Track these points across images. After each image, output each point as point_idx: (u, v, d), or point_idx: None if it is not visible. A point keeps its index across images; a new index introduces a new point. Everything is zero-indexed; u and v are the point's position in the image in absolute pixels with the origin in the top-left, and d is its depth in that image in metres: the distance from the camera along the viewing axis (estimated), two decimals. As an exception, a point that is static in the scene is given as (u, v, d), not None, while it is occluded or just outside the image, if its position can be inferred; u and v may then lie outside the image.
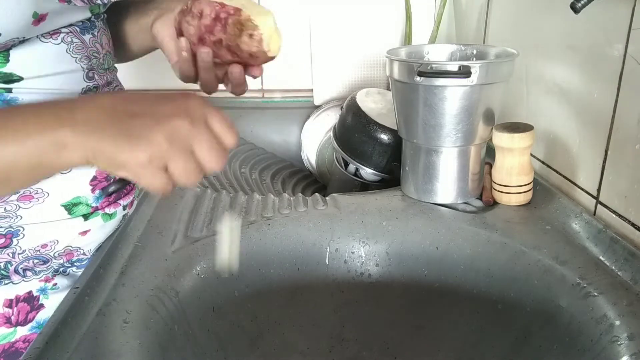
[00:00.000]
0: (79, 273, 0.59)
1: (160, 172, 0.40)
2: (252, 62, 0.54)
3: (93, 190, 0.57)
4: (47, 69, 0.50)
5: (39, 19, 0.46)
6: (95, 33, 0.55)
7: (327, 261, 0.66)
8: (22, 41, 0.48)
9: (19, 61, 0.48)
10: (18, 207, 0.52)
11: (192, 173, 0.41)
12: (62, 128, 0.39)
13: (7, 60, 0.47)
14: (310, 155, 1.13)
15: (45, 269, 0.57)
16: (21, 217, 0.53)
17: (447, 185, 0.69)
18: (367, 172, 0.89)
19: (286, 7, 1.17)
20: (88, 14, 0.54)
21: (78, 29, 0.53)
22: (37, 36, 0.49)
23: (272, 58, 0.54)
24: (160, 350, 0.47)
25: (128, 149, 0.38)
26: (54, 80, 0.51)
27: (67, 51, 0.52)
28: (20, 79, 0.48)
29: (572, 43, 0.67)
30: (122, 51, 0.66)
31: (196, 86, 0.58)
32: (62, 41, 0.51)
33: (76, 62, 0.52)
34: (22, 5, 0.45)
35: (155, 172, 0.39)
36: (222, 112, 0.43)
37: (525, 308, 0.57)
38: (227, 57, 0.53)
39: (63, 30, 0.51)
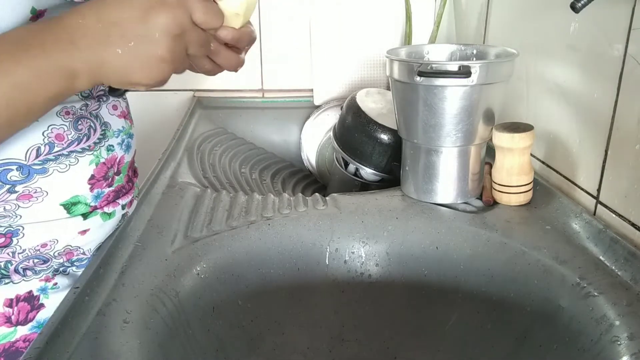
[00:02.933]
0: (79, 273, 0.59)
1: (168, 76, 0.45)
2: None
3: (91, 189, 0.57)
4: None
5: (37, 14, 0.46)
6: None
7: (327, 261, 0.66)
8: None
9: None
10: (17, 207, 0.52)
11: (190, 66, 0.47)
12: (72, 60, 0.42)
13: None
14: (310, 155, 1.13)
15: (45, 268, 0.57)
16: (21, 217, 0.53)
17: (447, 185, 0.69)
18: (367, 172, 0.89)
19: (286, 7, 1.17)
20: None
21: None
22: None
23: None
24: (160, 350, 0.47)
25: (144, 73, 0.43)
26: None
27: None
28: None
29: (572, 43, 0.67)
30: None
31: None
32: None
33: None
34: (20, 0, 0.45)
35: (166, 79, 0.45)
36: None
37: (525, 308, 0.57)
38: None
39: None
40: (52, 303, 0.57)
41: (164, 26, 0.43)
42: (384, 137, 0.86)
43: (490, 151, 0.72)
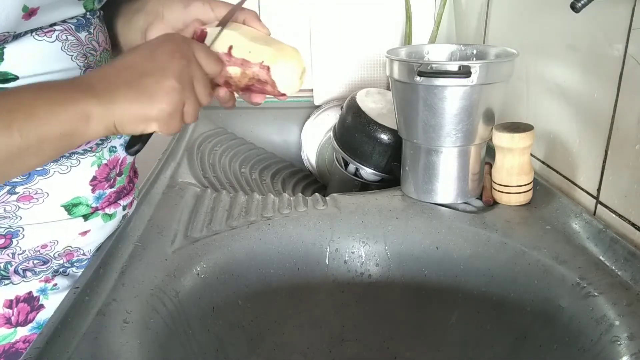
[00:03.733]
0: (79, 273, 0.59)
1: (180, 116, 0.47)
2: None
3: (93, 191, 0.56)
4: (42, 67, 0.50)
5: (29, 12, 0.46)
6: (91, 30, 0.55)
7: (327, 261, 0.66)
8: (16, 38, 0.48)
9: (13, 60, 0.48)
10: (18, 208, 0.52)
11: (197, 110, 0.49)
12: (86, 99, 0.43)
13: (2, 59, 0.47)
14: (310, 155, 1.13)
15: (45, 269, 0.57)
16: (21, 218, 0.53)
17: (447, 185, 0.69)
18: (367, 172, 0.89)
19: (286, 7, 1.17)
20: (81, 10, 0.53)
21: (73, 27, 0.53)
22: (30, 34, 0.49)
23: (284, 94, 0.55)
24: (160, 350, 0.47)
25: (154, 104, 0.45)
26: (51, 79, 0.51)
27: (62, 49, 0.51)
28: (15, 78, 0.48)
29: (572, 43, 0.67)
30: (115, 51, 0.66)
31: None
32: (56, 39, 0.51)
33: (72, 59, 0.52)
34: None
35: (178, 117, 0.47)
36: (201, 44, 0.51)
37: (525, 308, 0.57)
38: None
39: (57, 27, 0.51)
40: (51, 304, 0.57)
41: (171, 56, 0.46)
42: (384, 137, 0.86)
43: (490, 151, 0.72)
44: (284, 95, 0.54)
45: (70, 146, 0.45)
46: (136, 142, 0.49)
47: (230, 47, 0.52)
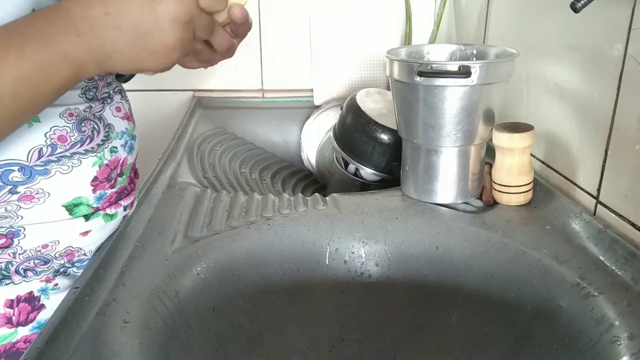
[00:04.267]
0: (80, 273, 0.59)
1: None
2: None
3: (94, 191, 0.57)
4: None
5: None
6: None
7: (327, 261, 0.66)
8: None
9: None
10: (19, 208, 0.52)
11: (207, 52, 0.49)
12: (82, 59, 0.42)
13: None
14: (310, 155, 1.13)
15: (46, 269, 0.57)
16: (22, 218, 0.53)
17: (447, 185, 0.69)
18: (367, 172, 0.89)
19: (286, 7, 1.17)
20: None
21: None
22: None
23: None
24: (160, 350, 0.47)
25: (153, 62, 0.44)
26: None
27: None
28: None
29: (572, 43, 0.67)
30: None
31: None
32: None
33: None
34: (20, 0, 0.45)
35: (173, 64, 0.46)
36: None
37: (525, 308, 0.57)
38: None
39: None
40: (52, 304, 0.57)
41: (174, 15, 0.43)
42: (384, 137, 0.86)
43: (490, 151, 0.72)
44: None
45: (61, 94, 0.44)
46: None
47: None
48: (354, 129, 0.89)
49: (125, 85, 0.68)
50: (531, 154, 0.68)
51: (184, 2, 0.44)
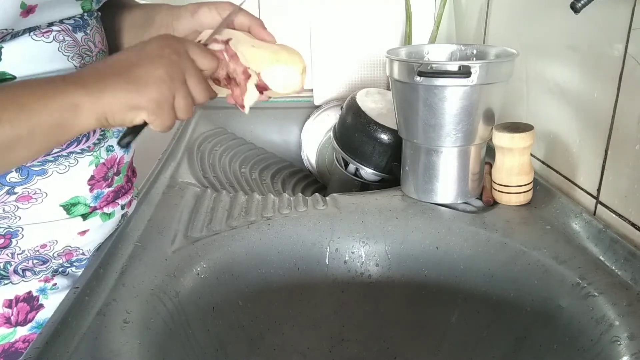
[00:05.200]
0: (79, 273, 0.59)
1: (170, 108, 0.47)
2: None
3: (91, 190, 0.56)
4: (39, 67, 0.50)
5: (27, 10, 0.46)
6: (88, 31, 0.55)
7: (327, 261, 0.66)
8: (14, 38, 0.48)
9: (10, 60, 0.48)
10: (17, 208, 0.52)
11: (189, 105, 0.48)
12: (75, 90, 0.44)
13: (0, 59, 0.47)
14: (310, 155, 1.13)
15: (44, 269, 0.57)
16: (20, 218, 0.53)
17: (447, 185, 0.69)
18: (367, 172, 0.89)
19: (286, 7, 1.17)
20: (79, 10, 0.54)
21: (70, 27, 0.53)
22: (28, 34, 0.49)
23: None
24: (160, 350, 0.47)
25: (142, 92, 0.45)
26: None
27: (58, 49, 0.51)
28: (12, 77, 0.48)
29: (572, 43, 0.67)
30: None
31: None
32: (53, 39, 0.51)
33: (68, 60, 0.52)
34: None
35: (167, 108, 0.46)
36: (194, 42, 0.51)
37: (525, 308, 0.57)
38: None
39: (55, 28, 0.51)
40: (51, 303, 0.57)
41: (161, 50, 0.47)
42: (384, 137, 0.86)
43: (490, 151, 0.72)
44: (242, 106, 0.57)
45: (61, 138, 0.45)
46: (127, 134, 0.49)
47: (228, 40, 0.52)
48: (354, 129, 0.89)
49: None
50: (531, 154, 0.68)
51: (173, 42, 0.48)
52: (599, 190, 0.63)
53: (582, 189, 0.66)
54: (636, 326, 0.46)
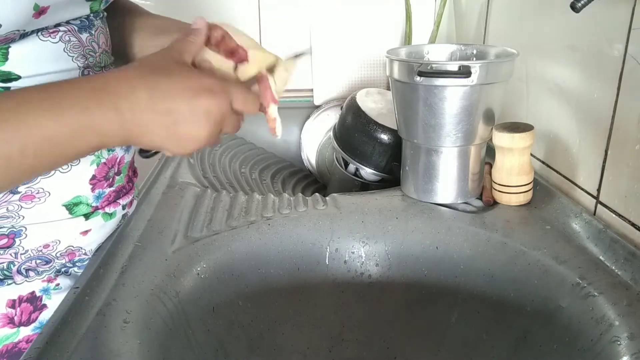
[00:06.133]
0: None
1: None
2: None
3: (93, 190, 0.57)
4: (44, 67, 0.50)
5: (39, 11, 0.46)
6: (93, 32, 0.55)
7: (327, 261, 0.66)
8: (22, 37, 0.48)
9: (17, 60, 0.48)
10: (20, 207, 0.52)
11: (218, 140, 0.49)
12: (114, 134, 0.43)
13: (6, 59, 0.47)
14: (310, 155, 1.13)
15: (47, 269, 0.57)
16: (23, 217, 0.53)
17: (447, 185, 0.69)
18: (367, 172, 0.89)
19: (286, 7, 1.17)
20: (88, 10, 0.54)
21: (76, 28, 0.53)
22: (36, 34, 0.49)
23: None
24: (160, 350, 0.47)
25: (180, 150, 0.46)
26: (51, 79, 0.51)
27: (64, 50, 0.52)
28: (18, 77, 0.48)
29: (572, 43, 0.67)
30: (122, 60, 0.66)
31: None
32: (60, 40, 0.51)
33: (72, 61, 0.52)
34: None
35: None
36: (243, 87, 0.50)
37: (525, 308, 0.57)
38: None
39: (61, 29, 0.51)
40: (54, 304, 0.57)
41: (209, 113, 0.46)
42: (384, 137, 0.86)
43: (490, 151, 0.72)
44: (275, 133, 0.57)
45: (77, 156, 0.44)
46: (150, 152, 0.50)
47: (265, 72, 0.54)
48: (354, 129, 0.89)
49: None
50: (531, 154, 0.68)
51: (222, 101, 0.46)
52: (599, 190, 0.63)
53: (582, 189, 0.66)
54: (636, 326, 0.46)
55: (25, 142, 0.39)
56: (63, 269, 0.58)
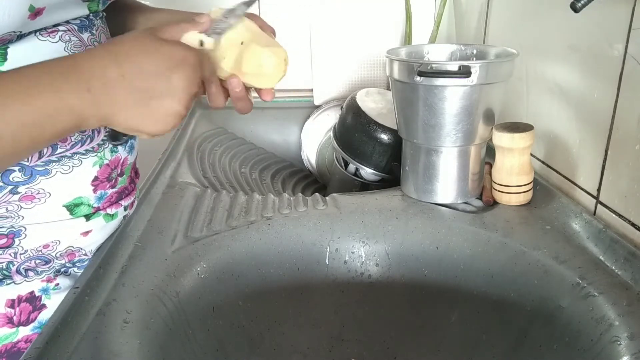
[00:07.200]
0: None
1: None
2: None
3: (95, 191, 0.57)
4: None
5: (35, 12, 0.46)
6: (94, 32, 0.55)
7: (327, 261, 0.66)
8: (20, 38, 0.48)
9: (17, 60, 0.48)
10: (20, 208, 0.52)
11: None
12: (87, 112, 0.42)
13: (5, 59, 0.47)
14: (310, 155, 1.13)
15: (47, 269, 0.57)
16: (23, 218, 0.53)
17: (447, 185, 0.69)
18: (367, 172, 0.89)
19: (287, 7, 1.17)
20: (86, 11, 0.54)
21: (76, 27, 0.53)
22: (35, 34, 0.49)
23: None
24: (160, 350, 0.47)
25: (156, 127, 0.45)
26: None
27: (64, 49, 0.52)
28: None
29: (572, 43, 0.67)
30: None
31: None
32: (59, 39, 0.51)
33: None
34: None
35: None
36: (215, 76, 0.51)
37: (525, 308, 0.57)
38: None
39: (61, 28, 0.51)
40: (53, 304, 0.57)
41: (186, 85, 0.45)
42: (384, 137, 0.86)
43: (490, 151, 0.72)
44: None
45: (53, 138, 0.44)
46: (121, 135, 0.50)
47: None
48: (354, 129, 0.89)
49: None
50: (531, 154, 0.68)
51: (196, 72, 0.46)
52: (599, 190, 0.63)
53: (582, 189, 0.66)
54: (636, 326, 0.46)
55: (1, 129, 0.39)
56: (63, 269, 0.58)
